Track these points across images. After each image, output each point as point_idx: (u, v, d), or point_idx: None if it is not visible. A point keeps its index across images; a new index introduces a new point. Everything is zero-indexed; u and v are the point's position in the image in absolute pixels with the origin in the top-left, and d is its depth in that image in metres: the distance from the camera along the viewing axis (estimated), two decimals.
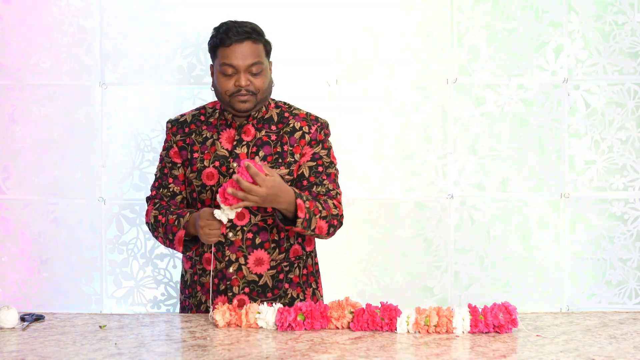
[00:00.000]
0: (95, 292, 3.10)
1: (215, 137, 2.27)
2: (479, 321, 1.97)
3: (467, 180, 3.10)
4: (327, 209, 2.18)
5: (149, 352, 1.81)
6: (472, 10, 3.07)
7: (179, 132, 2.30)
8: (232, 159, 2.24)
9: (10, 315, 2.02)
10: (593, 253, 3.10)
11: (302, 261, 2.33)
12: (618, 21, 3.07)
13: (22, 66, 3.06)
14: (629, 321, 2.10)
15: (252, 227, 2.23)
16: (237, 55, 2.18)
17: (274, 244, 2.25)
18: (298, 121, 2.28)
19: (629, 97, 3.08)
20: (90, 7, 3.05)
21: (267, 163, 2.24)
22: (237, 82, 2.18)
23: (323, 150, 2.28)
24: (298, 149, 2.25)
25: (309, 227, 2.13)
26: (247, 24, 2.22)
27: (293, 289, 2.30)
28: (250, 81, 2.19)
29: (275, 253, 2.26)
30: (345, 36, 3.07)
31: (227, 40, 2.17)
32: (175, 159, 2.30)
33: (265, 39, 2.25)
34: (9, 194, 3.09)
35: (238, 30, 2.18)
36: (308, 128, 2.27)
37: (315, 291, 2.38)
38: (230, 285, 2.23)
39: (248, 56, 2.18)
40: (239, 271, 2.24)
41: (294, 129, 2.27)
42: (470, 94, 3.09)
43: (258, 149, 2.24)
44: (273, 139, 2.26)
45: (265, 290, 2.25)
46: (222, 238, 2.20)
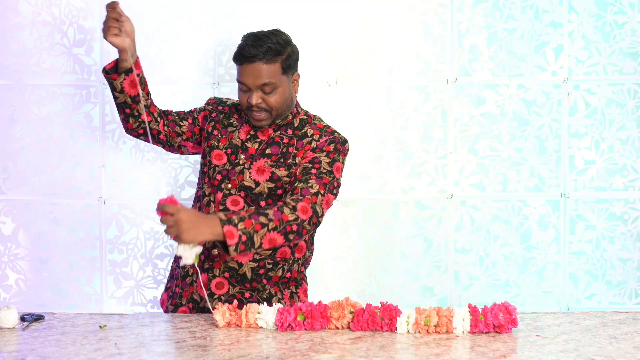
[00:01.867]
0: (95, 292, 3.10)
1: (238, 127, 2.33)
2: (479, 321, 1.97)
3: (467, 180, 3.10)
4: (277, 219, 2.07)
5: (149, 352, 1.81)
6: (472, 10, 3.07)
7: (214, 106, 2.41)
8: (241, 151, 2.29)
9: (10, 315, 2.02)
10: (593, 253, 3.10)
11: (287, 264, 2.34)
12: (618, 21, 3.07)
13: (22, 66, 3.06)
14: (629, 321, 2.10)
15: None
16: (248, 75, 2.20)
17: None
18: (313, 129, 2.31)
19: (629, 97, 3.08)
20: (90, 7, 3.05)
21: (269, 160, 2.27)
22: (249, 99, 2.22)
23: (326, 158, 2.26)
24: (301, 152, 2.27)
25: (252, 246, 2.03)
26: (264, 42, 2.19)
27: (271, 286, 2.31)
28: (262, 99, 2.22)
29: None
30: (345, 36, 3.07)
31: (240, 59, 2.20)
32: (200, 119, 2.39)
33: (284, 55, 2.22)
34: (9, 194, 3.09)
35: (251, 50, 2.18)
36: (318, 137, 2.29)
37: (293, 294, 2.37)
38: (212, 266, 2.28)
39: (258, 77, 2.19)
40: (223, 255, 2.28)
41: (305, 135, 2.30)
42: (470, 94, 3.09)
43: (267, 146, 2.29)
44: (285, 141, 2.29)
45: (244, 281, 2.28)
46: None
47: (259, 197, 2.27)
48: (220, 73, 3.06)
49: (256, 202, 2.27)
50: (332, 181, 2.23)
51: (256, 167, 2.27)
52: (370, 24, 3.08)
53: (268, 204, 2.27)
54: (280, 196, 2.28)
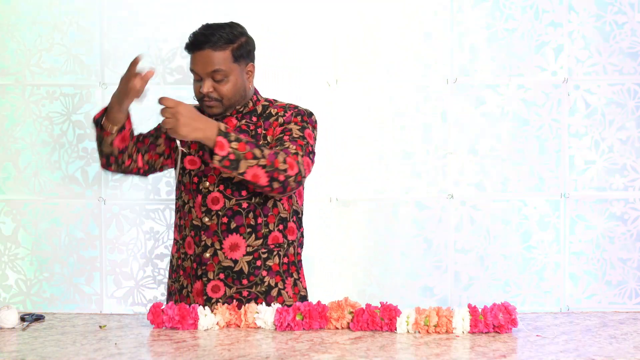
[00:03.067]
0: (95, 292, 3.10)
1: None
2: (478, 321, 1.97)
3: (467, 180, 3.10)
4: (270, 160, 2.08)
5: (149, 352, 1.81)
6: (472, 10, 3.07)
7: None
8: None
9: (10, 315, 2.02)
10: (593, 253, 3.10)
11: (282, 249, 2.30)
12: (618, 21, 3.07)
13: (22, 66, 3.06)
14: (629, 321, 2.10)
15: (227, 211, 2.23)
16: (198, 63, 2.20)
17: (249, 229, 2.24)
18: (276, 109, 2.30)
19: (629, 97, 3.08)
20: (90, 7, 3.05)
21: None
22: (201, 88, 2.21)
23: (295, 126, 2.25)
24: (271, 131, 2.26)
25: (236, 169, 2.06)
26: (215, 31, 2.20)
27: (271, 277, 2.27)
28: (214, 87, 2.20)
29: (251, 238, 2.24)
30: (345, 36, 3.07)
31: (191, 47, 2.21)
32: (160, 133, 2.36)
33: (236, 43, 2.23)
34: (9, 194, 3.09)
35: (201, 37, 2.19)
36: (283, 112, 2.28)
37: (297, 282, 2.34)
38: (206, 271, 2.25)
39: (208, 64, 2.19)
40: (215, 256, 2.24)
41: (270, 115, 2.28)
42: (470, 94, 3.09)
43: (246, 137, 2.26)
44: (251, 128, 2.28)
45: (241, 277, 2.24)
46: (199, 222, 2.24)
47: (239, 186, 2.23)
48: None
49: (236, 194, 2.23)
50: (307, 145, 2.23)
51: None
52: (370, 24, 3.08)
53: (248, 191, 2.23)
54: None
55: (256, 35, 3.05)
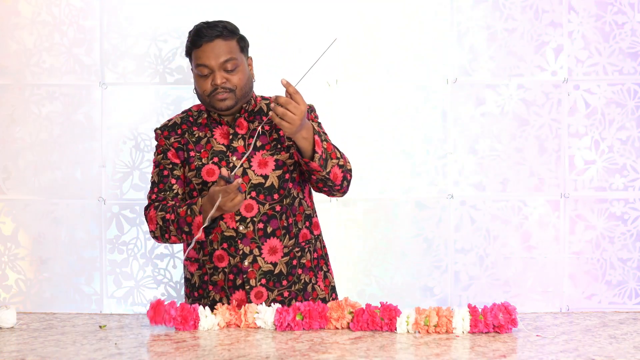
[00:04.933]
0: (95, 292, 3.10)
1: (209, 135, 2.28)
2: (478, 321, 1.97)
3: (467, 180, 3.10)
4: (344, 159, 2.23)
5: (149, 352, 1.81)
6: (472, 10, 3.07)
7: (172, 134, 2.30)
8: (231, 153, 2.25)
9: (10, 315, 2.02)
10: (593, 253, 3.10)
11: (311, 245, 2.33)
12: (618, 21, 3.07)
13: (22, 66, 3.06)
14: (629, 321, 2.10)
15: (262, 216, 2.23)
16: (210, 55, 2.19)
17: (284, 230, 2.26)
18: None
19: (629, 97, 3.08)
20: (90, 7, 3.05)
21: (266, 152, 2.25)
22: (213, 81, 2.19)
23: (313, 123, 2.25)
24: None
25: (325, 168, 2.16)
26: (217, 23, 2.24)
27: (306, 274, 2.30)
28: (226, 78, 2.20)
29: (286, 239, 2.26)
30: (345, 36, 3.07)
31: (198, 41, 2.20)
32: (175, 159, 2.29)
33: (239, 35, 2.27)
34: (9, 194, 3.09)
35: (208, 30, 2.20)
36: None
37: (326, 274, 2.38)
38: (247, 279, 2.23)
39: (221, 54, 2.19)
40: (255, 263, 2.24)
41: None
42: (470, 94, 3.09)
43: (254, 139, 2.25)
44: (267, 129, 2.27)
45: (281, 279, 2.26)
46: (233, 232, 2.22)
47: (271, 191, 2.24)
48: None
49: (269, 198, 2.23)
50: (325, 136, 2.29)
51: (256, 162, 2.24)
52: (370, 24, 3.08)
53: (280, 195, 2.24)
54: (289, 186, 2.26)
55: (256, 35, 3.06)
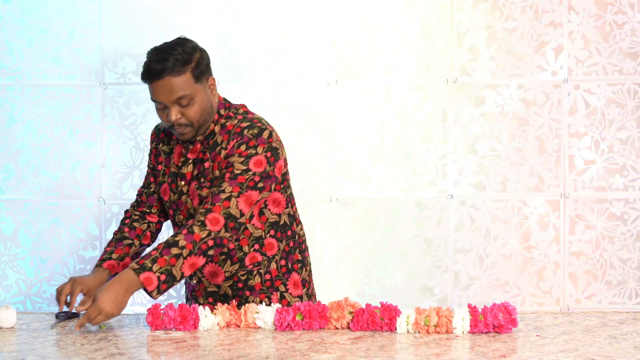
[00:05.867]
0: None
1: (170, 152, 2.25)
2: (478, 321, 1.97)
3: (467, 180, 3.10)
4: (189, 242, 2.00)
5: (149, 352, 1.81)
6: (472, 10, 3.07)
7: (155, 139, 2.31)
8: (179, 178, 2.20)
9: (10, 315, 2.02)
10: (593, 253, 3.10)
11: (262, 267, 2.24)
12: (618, 21, 3.07)
13: (22, 66, 3.06)
14: (629, 321, 2.10)
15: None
16: (161, 92, 2.07)
17: (223, 256, 2.20)
18: (222, 135, 2.16)
19: (629, 97, 3.08)
20: (90, 7, 3.05)
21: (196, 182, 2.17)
22: (168, 117, 2.09)
23: (238, 158, 2.12)
24: (216, 164, 2.15)
25: (174, 280, 2.00)
26: (168, 56, 2.07)
27: (255, 296, 2.23)
28: (181, 113, 2.09)
29: (227, 264, 2.21)
30: (345, 36, 3.07)
31: (148, 78, 2.08)
32: (153, 161, 2.31)
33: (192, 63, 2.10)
34: (9, 194, 3.09)
35: (157, 66, 2.05)
36: (227, 142, 2.15)
37: (284, 294, 2.27)
38: (196, 296, 2.28)
39: (172, 92, 2.07)
40: (200, 282, 2.26)
41: (216, 144, 2.16)
42: (470, 94, 3.09)
43: (194, 167, 2.19)
44: (206, 157, 2.18)
45: (227, 299, 2.22)
46: None
47: None
48: (220, 73, 3.06)
49: None
50: (251, 178, 2.10)
51: (192, 192, 2.18)
52: (370, 24, 3.08)
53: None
54: None
55: (256, 35, 3.06)
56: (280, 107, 3.05)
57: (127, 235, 2.28)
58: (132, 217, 2.33)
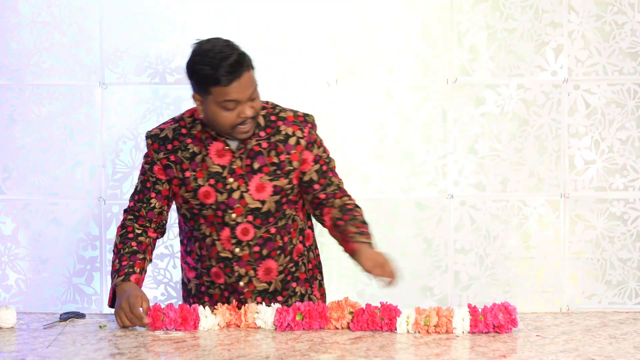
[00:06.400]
0: (95, 292, 3.10)
1: (203, 152, 2.17)
2: (478, 321, 1.97)
3: (467, 180, 3.10)
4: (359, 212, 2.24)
5: (149, 352, 1.81)
6: (472, 10, 3.07)
7: (162, 149, 2.19)
8: (229, 175, 2.16)
9: (10, 315, 2.02)
10: (593, 253, 3.10)
11: (305, 257, 2.32)
12: (618, 21, 3.07)
13: (22, 66, 3.06)
14: (629, 321, 2.10)
15: (258, 240, 2.19)
16: (240, 90, 2.06)
17: (279, 251, 2.23)
18: (289, 126, 2.20)
19: (629, 97, 3.08)
20: (90, 7, 3.05)
21: (263, 175, 2.17)
22: (242, 114, 2.08)
23: (319, 148, 2.24)
24: (296, 155, 2.19)
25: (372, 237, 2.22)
26: (234, 53, 2.07)
27: (301, 286, 2.29)
28: (252, 107, 2.10)
29: (281, 258, 2.24)
30: (345, 36, 3.07)
31: (227, 80, 2.05)
32: (160, 175, 2.22)
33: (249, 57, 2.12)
34: (9, 194, 3.09)
35: (233, 66, 2.05)
36: (301, 132, 2.20)
37: (321, 282, 2.39)
38: (244, 299, 2.21)
39: (249, 86, 2.08)
40: (250, 283, 2.22)
41: (287, 136, 2.19)
42: (470, 94, 3.09)
43: (252, 160, 2.17)
44: (264, 147, 2.18)
45: (276, 295, 2.24)
46: (229, 254, 2.19)
47: (267, 215, 2.19)
48: None
49: (265, 222, 2.19)
50: (334, 163, 2.29)
51: (254, 186, 2.16)
52: (370, 24, 3.08)
53: (275, 217, 2.20)
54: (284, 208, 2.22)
55: (256, 35, 3.06)
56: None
57: (137, 248, 2.19)
58: (136, 231, 2.23)
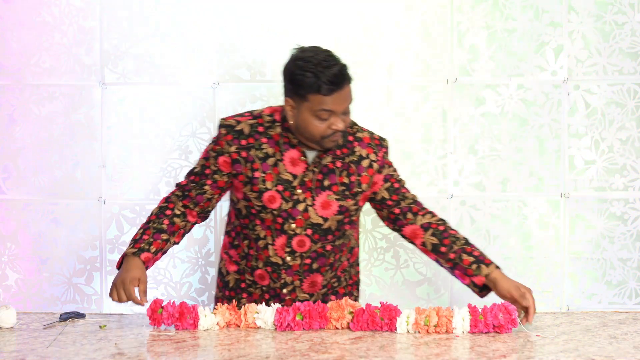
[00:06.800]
0: (95, 292, 3.10)
1: (278, 156, 2.16)
2: (478, 321, 1.97)
3: (467, 180, 3.10)
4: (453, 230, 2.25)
5: (149, 352, 1.81)
6: (472, 10, 3.07)
7: (235, 142, 2.17)
8: (299, 186, 2.16)
9: (10, 315, 2.02)
10: (593, 253, 3.10)
11: (347, 273, 2.33)
12: (618, 21, 3.07)
13: (22, 66, 3.06)
14: (629, 321, 2.10)
15: (311, 253, 2.20)
16: (337, 102, 2.08)
17: (328, 267, 2.25)
18: (364, 148, 2.21)
19: (629, 97, 3.08)
20: (90, 7, 3.05)
21: (332, 193, 2.17)
22: (333, 125, 2.09)
23: (390, 168, 2.25)
24: (366, 178, 2.19)
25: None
26: (337, 64, 2.10)
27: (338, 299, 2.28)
28: (343, 120, 2.12)
29: (328, 274, 2.26)
30: (345, 36, 3.07)
31: (328, 90, 2.06)
32: (223, 167, 2.19)
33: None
34: (9, 194, 3.09)
35: (337, 77, 2.07)
36: (375, 156, 2.22)
37: (356, 298, 2.39)
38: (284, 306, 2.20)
39: (347, 99, 2.12)
40: (293, 292, 2.24)
41: (361, 157, 2.20)
42: (470, 94, 3.09)
43: (324, 176, 2.17)
44: (338, 166, 2.18)
45: None
46: (279, 260, 2.20)
47: (327, 232, 2.20)
48: (220, 73, 3.07)
49: (323, 239, 2.20)
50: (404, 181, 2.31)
51: (320, 202, 2.16)
52: (370, 24, 3.08)
53: (335, 236, 2.21)
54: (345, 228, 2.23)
55: (256, 35, 3.06)
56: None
57: (166, 228, 2.19)
58: (175, 211, 2.23)
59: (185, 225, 2.25)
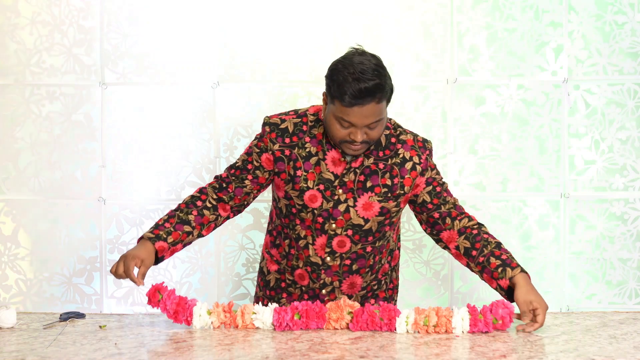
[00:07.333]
0: (95, 292, 3.10)
1: (320, 156, 2.15)
2: (478, 321, 1.97)
3: (467, 180, 3.10)
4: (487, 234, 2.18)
5: (149, 352, 1.81)
6: (472, 10, 3.07)
7: (279, 140, 2.16)
8: (340, 186, 2.14)
9: (10, 315, 2.02)
10: (593, 253, 3.10)
11: (388, 277, 2.33)
12: (618, 21, 3.07)
13: (22, 66, 3.06)
14: (629, 321, 2.10)
15: (351, 254, 2.20)
16: (358, 117, 2.01)
17: (368, 269, 2.25)
18: (407, 150, 2.18)
19: (629, 97, 3.08)
20: (90, 7, 3.06)
21: (374, 195, 2.15)
22: (352, 135, 2.04)
23: (433, 171, 2.21)
24: (409, 181, 2.17)
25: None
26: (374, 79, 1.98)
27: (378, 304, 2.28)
28: (366, 134, 2.05)
29: (368, 276, 2.26)
30: (345, 36, 3.07)
31: (350, 103, 1.99)
32: (266, 164, 2.18)
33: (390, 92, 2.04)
34: (9, 194, 3.09)
35: (362, 92, 1.97)
36: (418, 158, 2.18)
37: (395, 303, 2.38)
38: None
39: (369, 116, 2.01)
40: (332, 293, 2.24)
41: (404, 160, 2.17)
42: (470, 94, 3.09)
43: (366, 178, 2.15)
44: (381, 167, 2.16)
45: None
46: (319, 261, 2.20)
47: (367, 234, 2.19)
48: (220, 73, 3.07)
49: (364, 240, 2.19)
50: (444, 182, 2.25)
51: (362, 203, 2.15)
52: (370, 24, 3.08)
53: (375, 237, 2.20)
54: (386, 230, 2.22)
55: (256, 35, 3.07)
56: (280, 107, 3.06)
57: (192, 220, 2.16)
58: (206, 203, 2.20)
59: (217, 219, 2.22)
